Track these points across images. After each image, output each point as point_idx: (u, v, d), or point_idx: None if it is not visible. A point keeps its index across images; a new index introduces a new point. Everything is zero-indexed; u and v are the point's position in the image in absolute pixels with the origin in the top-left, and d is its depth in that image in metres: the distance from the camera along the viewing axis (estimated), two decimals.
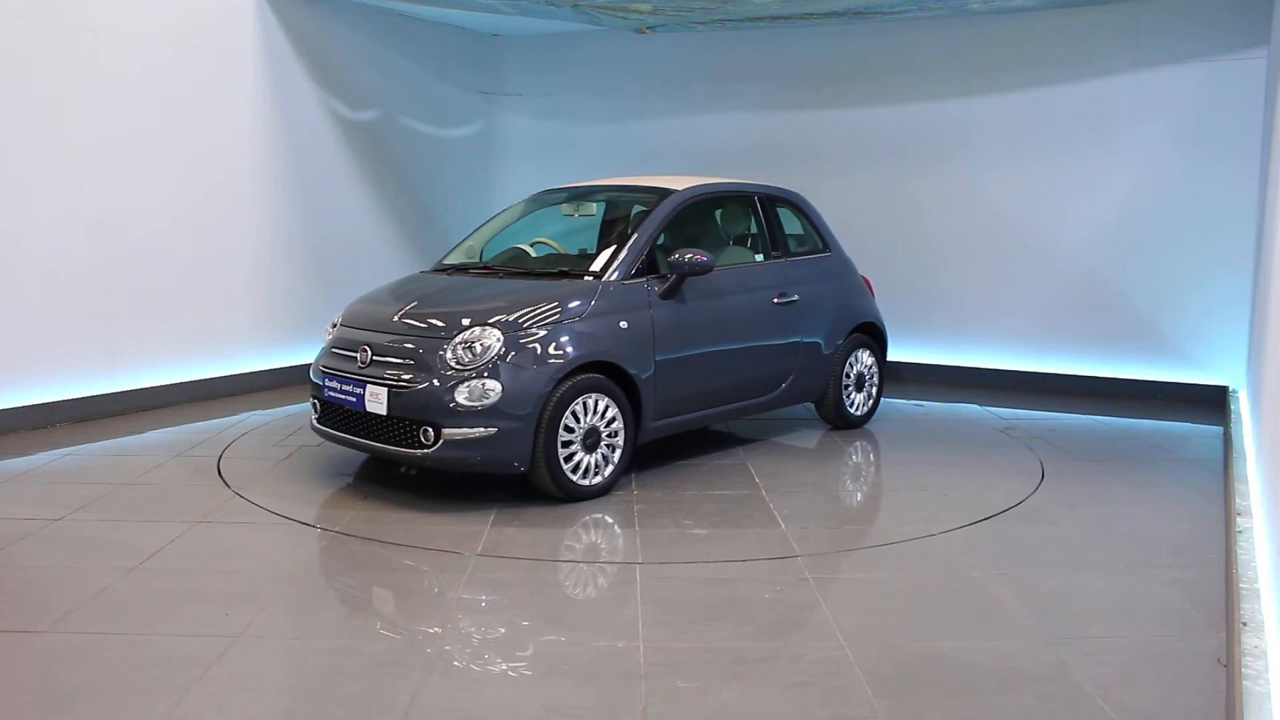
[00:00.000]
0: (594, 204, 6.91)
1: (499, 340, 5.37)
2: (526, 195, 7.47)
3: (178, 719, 3.24)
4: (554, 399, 5.37)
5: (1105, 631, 4.02)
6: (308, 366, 8.71)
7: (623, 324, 5.76)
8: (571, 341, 5.51)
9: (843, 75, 9.47)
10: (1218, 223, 8.17)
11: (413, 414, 5.33)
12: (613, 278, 5.89)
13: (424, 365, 5.40)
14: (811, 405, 7.45)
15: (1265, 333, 5.38)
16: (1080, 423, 7.83)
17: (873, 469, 6.29)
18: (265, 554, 4.87)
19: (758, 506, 5.56)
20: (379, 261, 9.47)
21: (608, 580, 4.55)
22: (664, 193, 6.52)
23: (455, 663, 3.68)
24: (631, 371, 5.74)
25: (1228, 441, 6.64)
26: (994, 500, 5.71)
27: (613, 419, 5.64)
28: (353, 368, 5.65)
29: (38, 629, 3.89)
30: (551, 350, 5.44)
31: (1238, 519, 4.89)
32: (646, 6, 8.40)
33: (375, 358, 5.58)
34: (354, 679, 3.53)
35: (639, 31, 9.81)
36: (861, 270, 9.41)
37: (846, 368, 7.30)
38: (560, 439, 5.41)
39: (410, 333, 5.62)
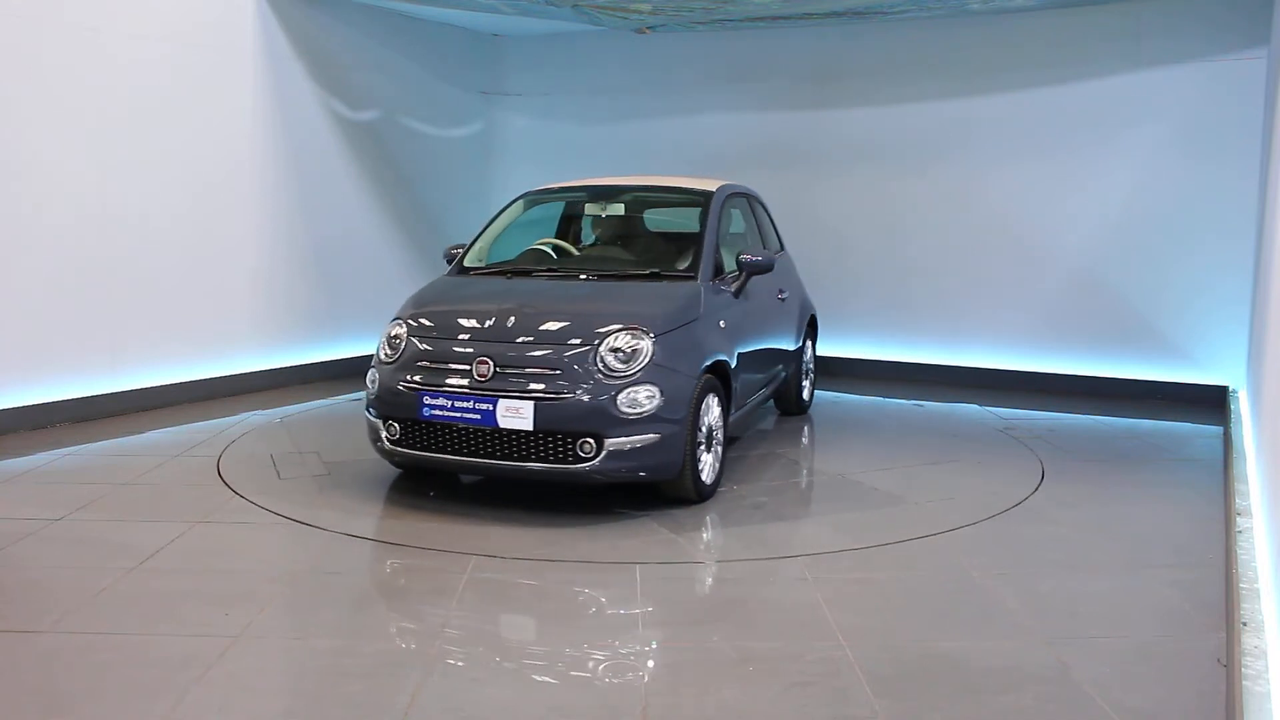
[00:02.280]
0: (621, 203, 6.91)
1: (651, 344, 5.26)
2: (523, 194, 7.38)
3: (178, 719, 3.24)
4: (696, 401, 5.37)
5: (1105, 631, 4.02)
6: (308, 366, 8.77)
7: (721, 323, 5.85)
8: (704, 343, 5.57)
9: (843, 75, 9.47)
10: (1218, 222, 8.17)
11: (569, 427, 5.07)
12: (706, 279, 5.94)
13: (574, 374, 5.13)
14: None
15: (1265, 333, 5.38)
16: (1080, 423, 7.83)
17: (872, 469, 6.29)
18: (265, 554, 4.87)
19: (753, 507, 5.57)
20: (379, 261, 9.47)
21: (607, 580, 4.55)
22: (700, 193, 6.64)
23: (455, 663, 3.68)
24: (732, 369, 5.83)
25: (1228, 441, 6.64)
26: (994, 500, 5.71)
27: (718, 416, 5.68)
28: (466, 382, 5.23)
29: (38, 629, 3.89)
30: (692, 352, 5.43)
31: (1238, 519, 4.89)
32: (646, 6, 8.40)
33: (499, 369, 5.23)
34: (354, 679, 3.53)
35: (639, 31, 9.81)
36: (860, 269, 9.41)
37: (805, 357, 7.74)
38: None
39: (540, 340, 5.29)
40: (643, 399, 5.12)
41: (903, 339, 9.36)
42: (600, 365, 5.16)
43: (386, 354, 5.59)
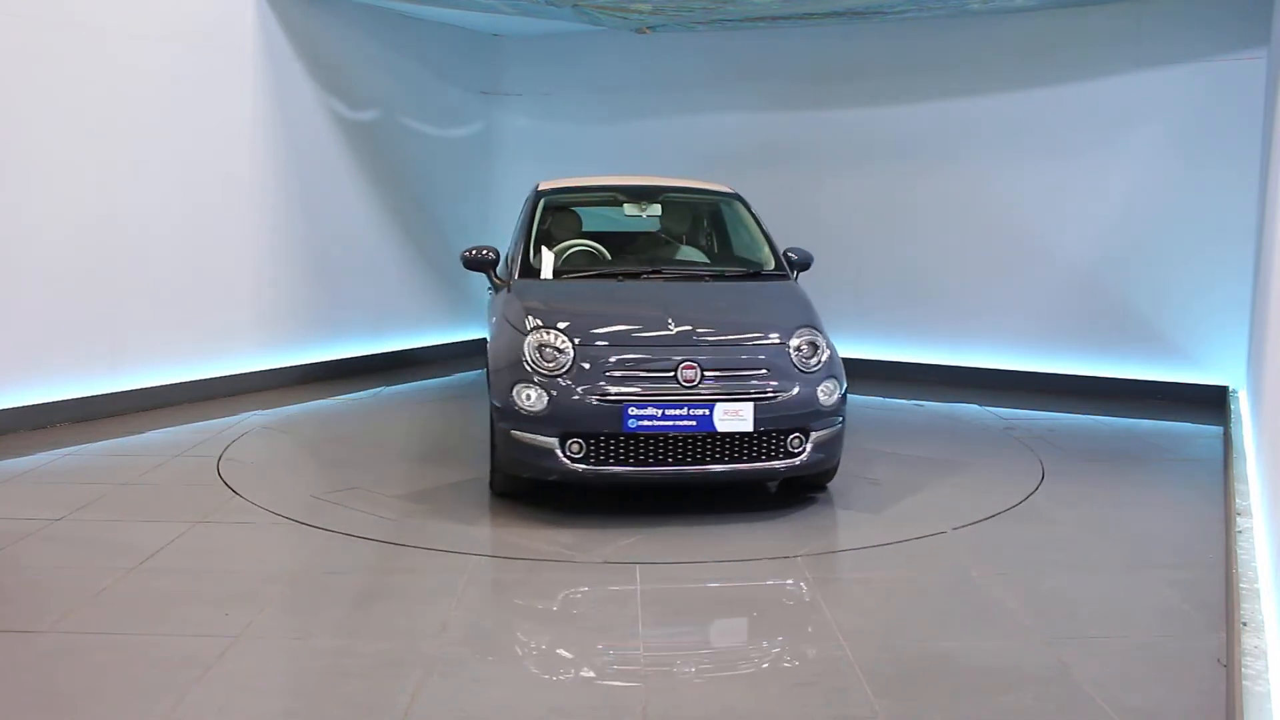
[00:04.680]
0: (659, 204, 6.93)
1: (824, 339, 5.50)
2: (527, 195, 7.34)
3: (178, 719, 3.24)
4: None
5: (1105, 631, 4.02)
6: (308, 366, 8.76)
7: None
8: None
9: (843, 75, 9.47)
10: (1217, 222, 8.17)
11: (784, 424, 5.17)
12: (790, 276, 6.22)
13: (781, 371, 5.25)
14: None
15: (1265, 333, 5.38)
16: (1080, 423, 7.83)
17: (872, 469, 6.28)
18: (265, 554, 4.87)
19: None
20: (378, 261, 9.47)
21: (608, 580, 4.54)
22: (721, 193, 6.88)
23: (455, 663, 3.67)
24: None
25: (1228, 441, 6.64)
26: (994, 500, 5.71)
27: None
28: (669, 388, 5.10)
29: (38, 629, 3.89)
30: (833, 347, 5.63)
31: (1238, 519, 4.89)
32: (646, 6, 8.40)
33: (707, 373, 5.16)
34: (354, 679, 3.52)
35: (639, 31, 9.81)
36: (860, 270, 9.43)
37: None
38: None
39: (734, 341, 5.39)
40: (832, 391, 5.34)
41: (902, 339, 9.35)
42: (796, 361, 5.31)
43: (545, 365, 5.18)
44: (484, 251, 6.28)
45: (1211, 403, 8.17)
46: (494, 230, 9.97)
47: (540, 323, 5.37)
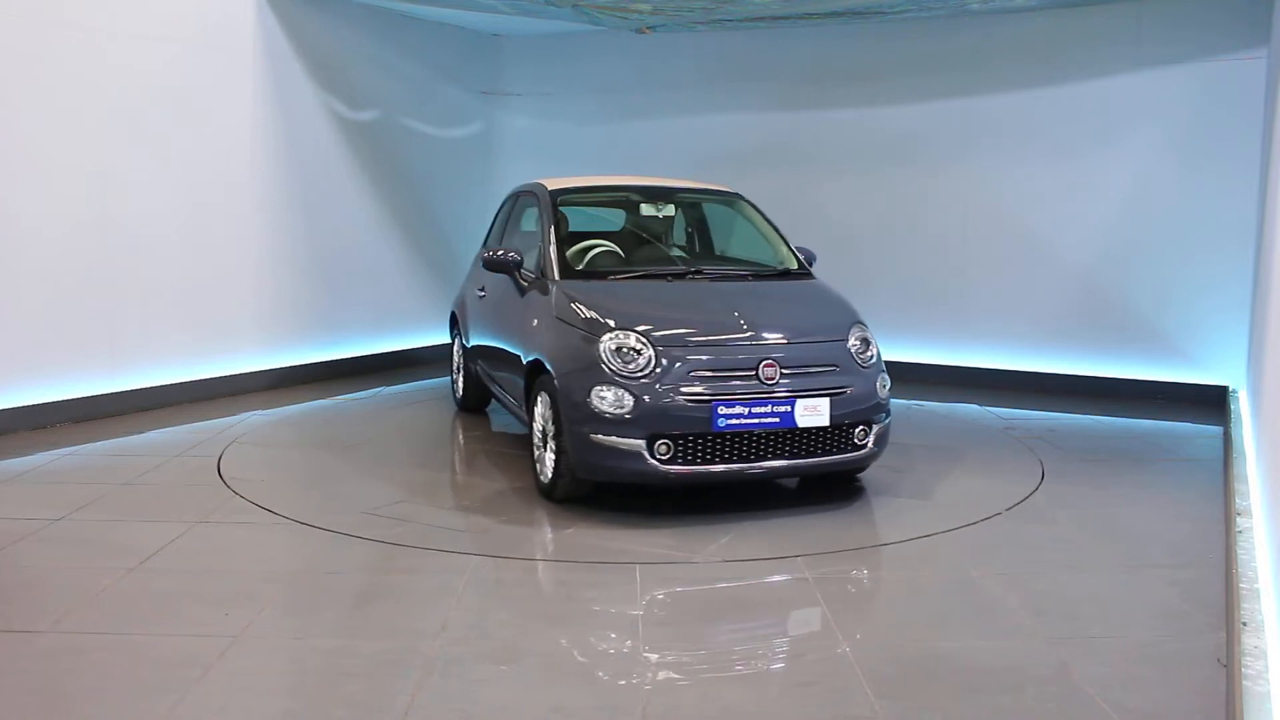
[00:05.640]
0: (672, 204, 6.99)
1: (872, 337, 5.77)
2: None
3: (177, 719, 3.24)
4: None
5: (1105, 631, 4.02)
6: (308, 366, 8.76)
7: None
8: None
9: (843, 75, 9.47)
10: (1217, 222, 8.17)
11: (854, 417, 5.39)
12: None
13: (846, 368, 5.45)
14: None
15: (1265, 333, 5.38)
16: (1080, 423, 7.83)
17: (872, 469, 6.28)
18: (265, 554, 4.87)
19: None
20: (378, 261, 9.47)
21: (608, 580, 4.55)
22: (724, 193, 7.01)
23: (455, 663, 3.67)
24: None
25: (1228, 441, 6.64)
26: (994, 500, 5.71)
27: None
28: (751, 386, 5.17)
29: (38, 629, 3.89)
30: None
31: (1238, 519, 4.89)
32: (646, 6, 8.40)
33: (784, 371, 5.27)
34: (354, 679, 3.53)
35: (639, 31, 9.81)
36: (861, 269, 9.42)
37: None
38: None
39: (802, 339, 5.49)
40: (885, 385, 5.62)
41: (902, 339, 9.34)
42: (855, 357, 5.51)
43: (625, 367, 5.16)
44: (509, 253, 6.28)
45: (1211, 403, 8.17)
46: None
47: (615, 324, 5.33)
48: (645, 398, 5.07)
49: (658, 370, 5.15)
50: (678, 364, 5.17)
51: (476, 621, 4.06)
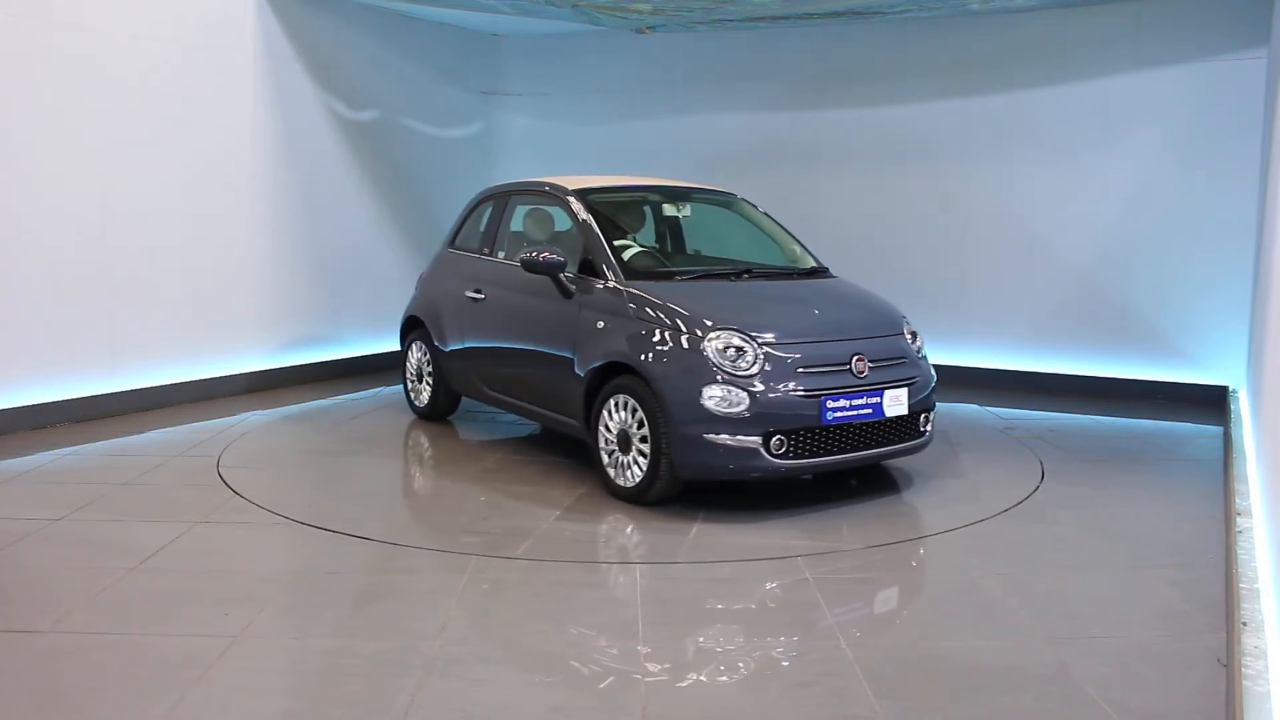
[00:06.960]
0: (690, 204, 7.05)
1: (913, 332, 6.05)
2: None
3: (177, 719, 3.24)
4: None
5: (1105, 631, 4.02)
6: (308, 366, 8.76)
7: None
8: None
9: (843, 75, 9.47)
10: (1218, 222, 8.17)
11: (920, 406, 5.73)
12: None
13: (911, 359, 5.78)
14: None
15: (1265, 332, 5.38)
16: (1080, 423, 7.82)
17: (870, 470, 6.28)
18: (265, 554, 4.87)
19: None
20: (378, 261, 9.47)
21: (608, 580, 4.55)
22: (726, 193, 7.11)
23: (455, 663, 3.67)
24: None
25: (1228, 441, 6.64)
26: (994, 500, 5.71)
27: None
28: (845, 380, 5.39)
29: (38, 629, 3.89)
30: None
31: (1238, 519, 4.89)
32: (646, 6, 8.40)
33: (871, 364, 5.52)
34: (354, 679, 3.53)
35: (639, 31, 9.81)
36: (861, 269, 9.41)
37: None
38: None
39: (873, 335, 5.73)
40: (934, 375, 5.95)
41: None
42: (909, 351, 5.82)
43: (731, 366, 5.21)
44: (553, 254, 5.98)
45: (1211, 403, 8.17)
46: None
47: (713, 323, 5.36)
48: (760, 395, 5.16)
49: (767, 368, 5.24)
50: (781, 361, 5.30)
51: (476, 621, 4.06)
